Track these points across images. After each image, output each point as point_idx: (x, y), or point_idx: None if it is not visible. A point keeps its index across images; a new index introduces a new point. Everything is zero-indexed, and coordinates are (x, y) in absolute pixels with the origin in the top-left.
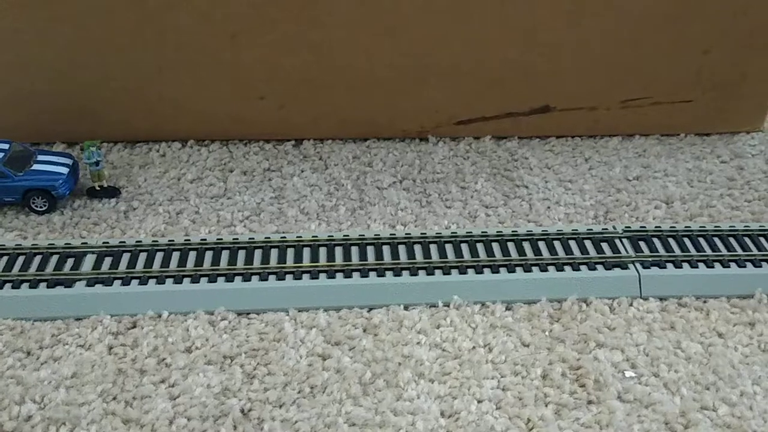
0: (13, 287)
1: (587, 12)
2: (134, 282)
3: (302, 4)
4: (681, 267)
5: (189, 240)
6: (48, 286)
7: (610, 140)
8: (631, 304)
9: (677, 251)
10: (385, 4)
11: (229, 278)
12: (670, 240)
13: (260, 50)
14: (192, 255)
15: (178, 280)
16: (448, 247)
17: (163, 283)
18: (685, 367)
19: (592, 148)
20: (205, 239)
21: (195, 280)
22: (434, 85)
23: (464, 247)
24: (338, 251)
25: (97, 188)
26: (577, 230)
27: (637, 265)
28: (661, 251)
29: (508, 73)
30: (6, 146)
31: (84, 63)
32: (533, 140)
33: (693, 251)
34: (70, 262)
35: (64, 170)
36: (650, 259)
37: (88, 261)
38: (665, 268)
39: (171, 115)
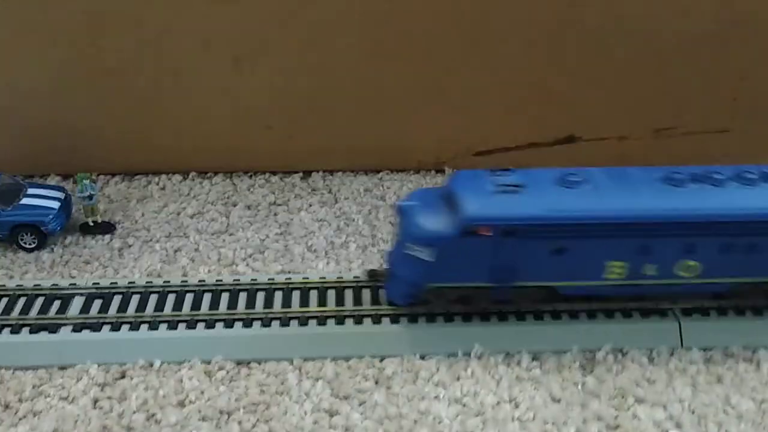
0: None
1: (615, 35)
2: (125, 327)
3: (308, 25)
4: (725, 314)
5: (186, 281)
6: (31, 332)
7: None
8: (671, 355)
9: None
10: (396, 25)
11: (229, 324)
12: None
13: (265, 75)
14: (189, 298)
15: (172, 325)
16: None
17: (156, 328)
18: (737, 426)
19: None
20: (204, 280)
21: (191, 325)
22: (451, 113)
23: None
24: (348, 294)
25: (91, 224)
26: None
27: (677, 312)
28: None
29: (531, 100)
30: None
31: (78, 89)
32: None
33: (738, 297)
34: (56, 304)
35: (55, 204)
36: (691, 306)
37: (76, 304)
38: (708, 315)
39: (171, 146)
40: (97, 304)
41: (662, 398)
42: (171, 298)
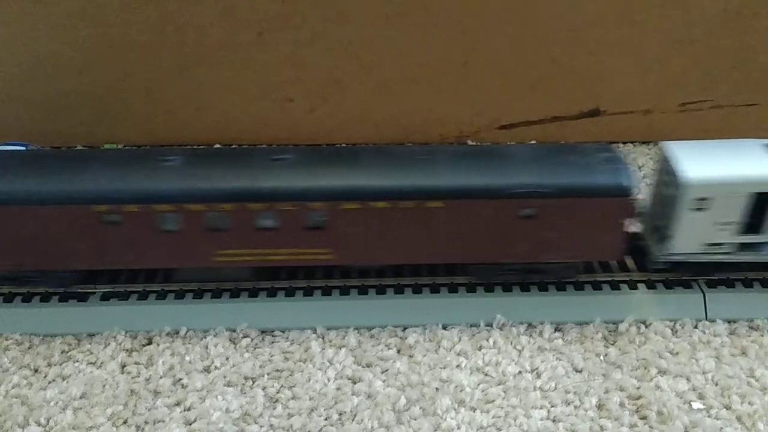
0: (23, 300)
1: (641, 6)
2: (151, 296)
3: (333, 0)
4: (751, 286)
5: None
6: (60, 300)
7: None
8: (695, 327)
9: (745, 269)
10: None
11: (253, 293)
12: None
13: (288, 49)
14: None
15: (198, 294)
16: None
17: (182, 297)
18: (761, 398)
19: (646, 155)
20: None
21: (216, 295)
22: (474, 85)
23: None
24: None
25: None
26: None
27: (701, 283)
28: (728, 269)
29: (555, 73)
30: (23, 149)
31: (102, 62)
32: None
33: (763, 269)
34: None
35: None
36: (716, 277)
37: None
38: (733, 287)
39: (194, 118)
40: (125, 273)
41: (685, 370)
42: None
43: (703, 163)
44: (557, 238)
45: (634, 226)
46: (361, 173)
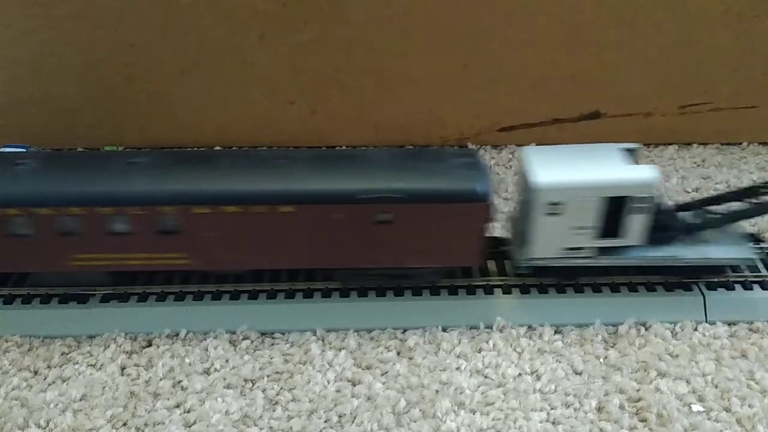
0: (23, 302)
1: (641, 9)
2: (151, 298)
3: (334, 2)
4: (751, 289)
5: None
6: (60, 302)
7: (666, 149)
8: (695, 329)
9: (745, 271)
10: (421, 1)
11: (253, 295)
12: None
13: (289, 51)
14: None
15: (198, 296)
16: (490, 264)
17: (182, 299)
18: (761, 401)
19: (645, 158)
20: None
21: (216, 296)
22: (475, 88)
23: (508, 264)
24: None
25: None
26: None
27: (702, 286)
28: (728, 271)
29: (555, 76)
30: (23, 151)
31: (103, 64)
32: None
33: (764, 271)
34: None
35: None
36: (716, 279)
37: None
38: (733, 289)
39: (195, 120)
40: (125, 275)
41: (685, 372)
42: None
43: (555, 167)
44: (415, 243)
45: (501, 231)
46: (214, 177)
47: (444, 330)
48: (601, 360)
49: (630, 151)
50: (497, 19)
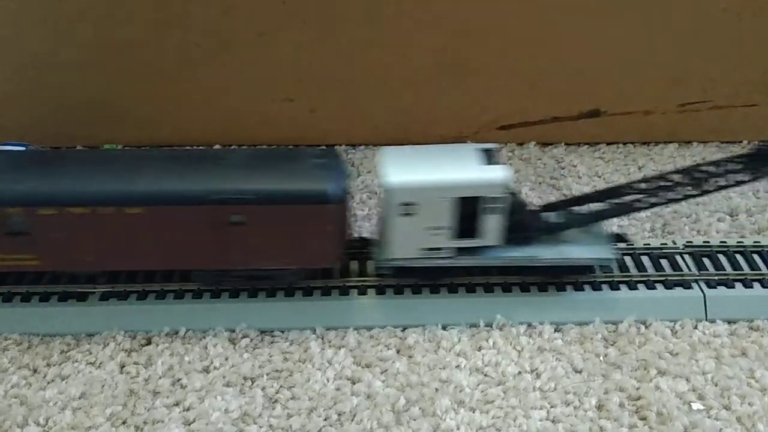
0: (22, 300)
1: (640, 7)
2: (151, 296)
3: (333, 0)
4: (751, 287)
5: None
6: (59, 300)
7: (666, 147)
8: (695, 327)
9: (746, 269)
10: None
11: (253, 293)
12: (738, 257)
13: (289, 49)
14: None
15: (197, 294)
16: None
17: (182, 297)
18: (761, 399)
19: (645, 156)
20: None
21: (215, 295)
22: (474, 86)
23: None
24: (370, 265)
25: None
26: (632, 245)
27: (702, 284)
28: (728, 269)
29: (555, 74)
30: (22, 149)
31: (103, 62)
32: (581, 147)
33: (764, 269)
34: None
35: None
36: (716, 277)
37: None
38: (733, 287)
39: (195, 118)
40: (125, 273)
41: (685, 370)
42: None
43: (409, 168)
44: (270, 245)
45: (367, 231)
46: (59, 178)
47: (444, 328)
48: (601, 358)
49: (488, 151)
50: (496, 18)
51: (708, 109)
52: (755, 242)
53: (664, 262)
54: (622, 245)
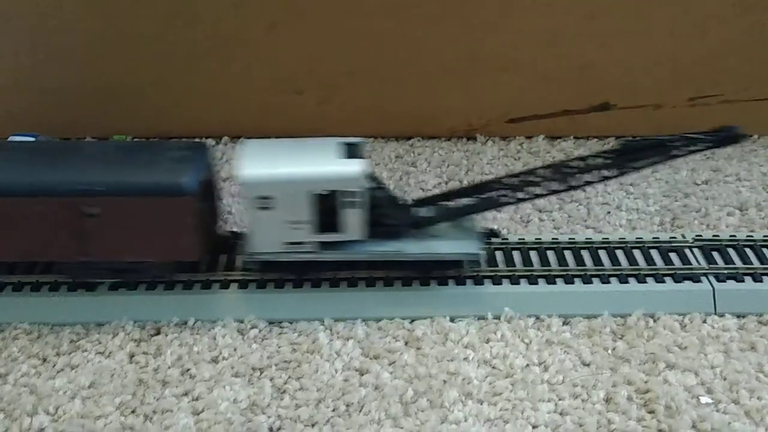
0: (32, 290)
1: (651, 0)
2: (160, 287)
3: None
4: (761, 281)
5: None
6: (69, 290)
7: None
8: (704, 321)
9: (755, 263)
10: None
11: (261, 284)
12: (747, 250)
13: (299, 41)
14: (222, 259)
15: (206, 285)
16: (499, 255)
17: (191, 288)
18: None
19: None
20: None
21: (224, 285)
22: (484, 79)
23: (516, 254)
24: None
25: None
26: (641, 238)
27: (711, 278)
28: (738, 263)
29: (565, 67)
30: (32, 140)
31: (113, 54)
32: (591, 140)
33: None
34: None
35: None
36: (725, 271)
37: None
38: (743, 281)
39: (204, 110)
40: None
41: (694, 364)
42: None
43: (265, 161)
44: (129, 237)
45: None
46: None
47: (452, 320)
48: (610, 351)
49: (351, 145)
50: (507, 11)
51: (718, 102)
52: (765, 236)
53: (673, 256)
54: (496, 239)
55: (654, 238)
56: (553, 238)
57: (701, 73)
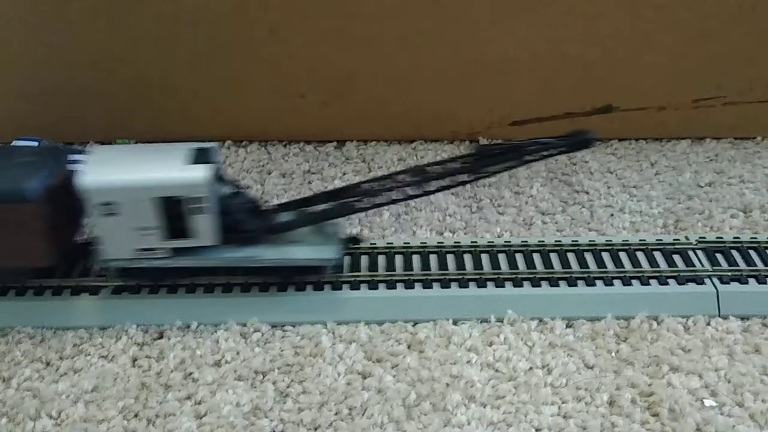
0: (35, 294)
1: (653, 1)
2: (162, 290)
3: None
4: (765, 283)
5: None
6: (72, 293)
7: (679, 143)
8: (708, 324)
9: (760, 265)
10: None
11: (264, 288)
12: (752, 252)
13: (301, 44)
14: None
15: (209, 289)
16: (501, 257)
17: (193, 292)
18: None
19: (658, 152)
20: None
21: (227, 289)
22: (486, 82)
23: (519, 257)
24: (381, 260)
25: None
26: (645, 240)
27: (715, 280)
28: (742, 265)
29: (567, 70)
30: (35, 144)
31: (115, 57)
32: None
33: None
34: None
35: None
36: (729, 273)
37: None
38: (747, 283)
39: (207, 114)
40: None
41: (698, 367)
42: None
43: (109, 167)
44: None
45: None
46: None
47: (455, 323)
48: (613, 354)
49: (201, 150)
50: (509, 13)
51: (722, 104)
52: None
53: (676, 258)
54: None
55: (657, 240)
56: (556, 241)
57: (704, 75)
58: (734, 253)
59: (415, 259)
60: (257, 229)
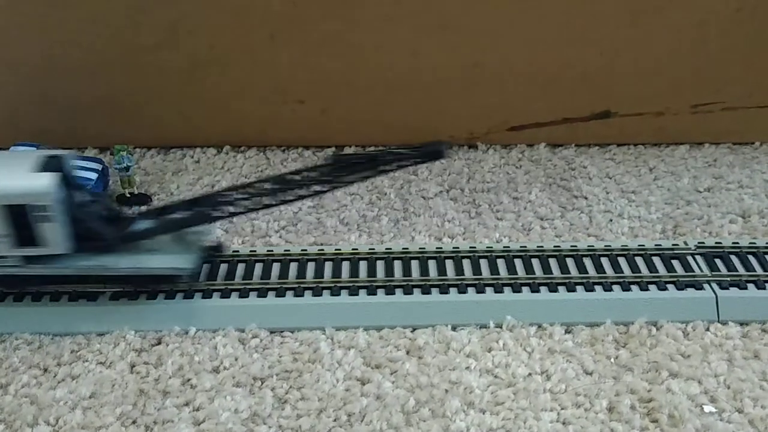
0: (33, 300)
1: (651, 6)
2: (160, 296)
3: (344, 1)
4: (764, 288)
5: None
6: (70, 300)
7: (677, 149)
8: (707, 329)
9: (758, 270)
10: (431, 1)
11: (262, 293)
12: (750, 258)
13: (300, 51)
14: (223, 268)
15: (207, 294)
16: (500, 263)
17: (191, 297)
18: None
19: (657, 157)
20: (238, 251)
21: (225, 294)
22: (484, 87)
23: (518, 262)
24: (380, 265)
25: (127, 195)
26: (643, 246)
27: (714, 285)
28: (741, 270)
29: (565, 75)
30: (33, 150)
31: (114, 64)
32: (592, 148)
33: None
34: None
35: (93, 175)
36: (729, 278)
37: None
38: (746, 289)
39: (206, 120)
40: None
41: (697, 373)
42: (205, 268)
43: None
44: None
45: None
46: None
47: (454, 329)
48: (612, 360)
49: (51, 158)
50: (507, 19)
51: (720, 110)
52: None
53: (675, 263)
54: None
55: (656, 245)
56: (555, 246)
57: (703, 80)
58: (733, 258)
59: (414, 264)
60: (113, 237)
